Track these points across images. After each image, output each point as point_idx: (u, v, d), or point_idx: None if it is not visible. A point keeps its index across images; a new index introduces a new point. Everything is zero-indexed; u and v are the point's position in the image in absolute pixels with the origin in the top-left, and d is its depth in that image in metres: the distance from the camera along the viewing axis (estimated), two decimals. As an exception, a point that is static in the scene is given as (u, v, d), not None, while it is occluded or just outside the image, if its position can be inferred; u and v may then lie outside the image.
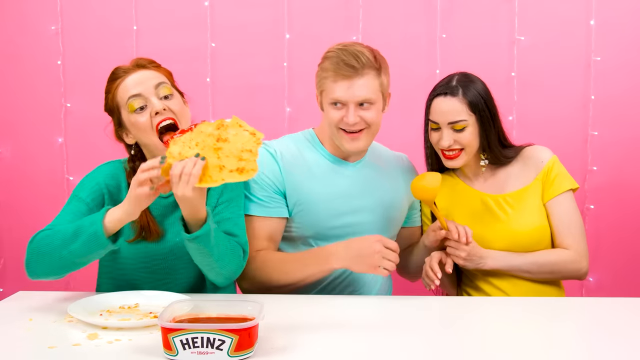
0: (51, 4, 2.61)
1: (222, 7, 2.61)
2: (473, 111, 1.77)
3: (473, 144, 1.79)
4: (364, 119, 1.73)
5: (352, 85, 1.69)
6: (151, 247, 1.66)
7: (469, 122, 1.77)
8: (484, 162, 1.85)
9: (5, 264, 2.71)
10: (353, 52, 1.69)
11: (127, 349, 1.24)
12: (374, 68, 1.71)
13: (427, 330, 1.42)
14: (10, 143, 2.68)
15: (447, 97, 1.77)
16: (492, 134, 1.80)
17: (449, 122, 1.77)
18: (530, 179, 1.83)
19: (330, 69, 1.71)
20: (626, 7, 2.55)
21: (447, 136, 1.77)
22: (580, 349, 1.30)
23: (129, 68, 1.67)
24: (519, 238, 1.78)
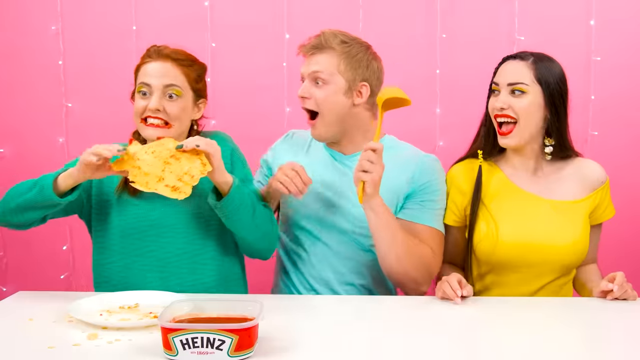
0: (51, 4, 2.61)
1: (222, 7, 2.61)
2: (539, 82, 1.70)
3: (529, 118, 1.70)
4: (315, 98, 1.76)
5: (308, 60, 1.79)
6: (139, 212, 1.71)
7: (531, 91, 1.69)
8: (549, 148, 1.76)
9: (8, 263, 2.71)
10: (320, 34, 1.79)
11: (127, 349, 1.24)
12: (334, 50, 1.76)
13: (428, 330, 1.42)
14: (11, 143, 2.68)
15: (516, 60, 1.73)
16: (562, 117, 1.72)
17: (509, 82, 1.70)
18: (584, 194, 1.77)
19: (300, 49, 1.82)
20: (626, 7, 2.55)
21: (503, 97, 1.71)
22: (581, 349, 1.30)
23: (157, 54, 1.78)
24: (552, 247, 1.72)
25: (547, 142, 1.76)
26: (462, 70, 2.58)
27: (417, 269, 1.73)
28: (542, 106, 1.72)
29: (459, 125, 2.48)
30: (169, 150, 1.58)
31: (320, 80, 1.75)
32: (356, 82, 1.77)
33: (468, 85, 2.57)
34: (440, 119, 2.59)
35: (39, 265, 2.68)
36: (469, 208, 1.79)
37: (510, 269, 1.75)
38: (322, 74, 1.75)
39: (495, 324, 1.47)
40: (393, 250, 1.70)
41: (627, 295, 1.58)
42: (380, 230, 1.68)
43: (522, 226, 1.73)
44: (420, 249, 1.75)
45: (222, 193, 1.61)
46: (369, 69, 1.79)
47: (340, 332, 1.38)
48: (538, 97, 1.71)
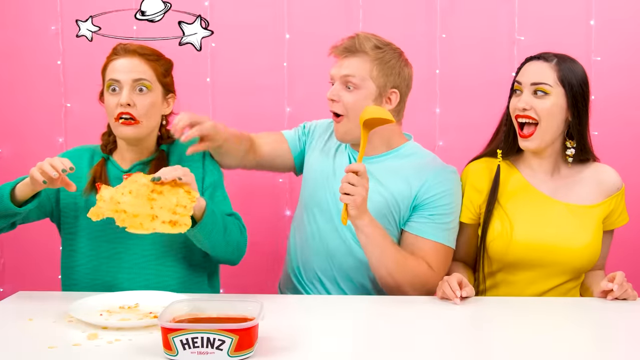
0: (51, 4, 2.60)
1: (222, 7, 2.61)
2: (563, 84, 1.69)
3: (551, 120, 1.69)
4: (344, 102, 1.74)
5: (340, 63, 1.77)
6: None
7: (553, 92, 1.69)
8: (571, 150, 1.75)
9: (5, 263, 2.70)
10: (354, 36, 1.77)
11: (127, 349, 1.24)
12: (367, 55, 1.74)
13: (428, 330, 1.42)
14: (11, 143, 2.67)
15: (540, 61, 1.72)
16: (584, 119, 1.72)
17: (532, 82, 1.69)
18: (599, 199, 1.77)
19: (332, 51, 1.80)
20: (626, 7, 2.55)
21: (525, 97, 1.70)
22: (580, 349, 1.30)
23: (124, 50, 1.80)
24: (562, 249, 1.72)
25: (569, 144, 1.76)
26: (462, 70, 2.58)
27: (410, 283, 1.71)
28: (564, 108, 1.71)
29: (459, 125, 2.48)
30: (146, 185, 1.52)
31: (351, 85, 1.74)
32: (387, 88, 1.77)
33: (468, 85, 2.57)
34: (440, 119, 2.59)
35: (36, 266, 2.68)
36: (484, 206, 1.78)
37: (521, 269, 1.75)
38: (353, 79, 1.73)
39: (494, 324, 1.47)
40: (383, 265, 1.69)
41: (627, 295, 1.58)
42: (368, 247, 1.68)
43: (536, 227, 1.73)
44: (413, 264, 1.72)
45: (195, 218, 1.58)
46: (400, 75, 1.79)
47: (340, 332, 1.38)
48: (561, 99, 1.70)
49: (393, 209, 1.76)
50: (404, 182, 1.78)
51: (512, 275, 1.77)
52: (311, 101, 2.38)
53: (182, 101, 2.63)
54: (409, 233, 1.78)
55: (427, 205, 1.77)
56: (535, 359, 1.23)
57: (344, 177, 1.59)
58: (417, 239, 1.77)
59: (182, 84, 2.62)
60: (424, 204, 1.77)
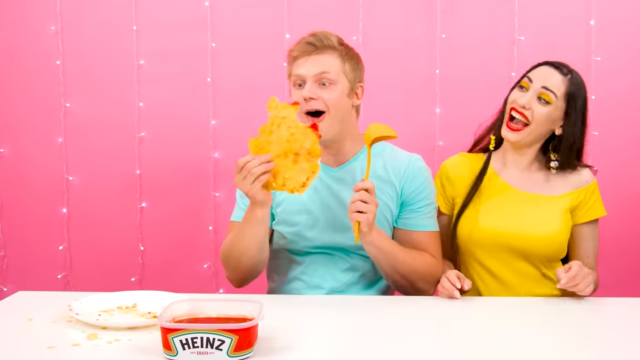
0: (51, 4, 2.61)
1: (222, 7, 2.62)
2: (567, 101, 1.75)
3: (541, 127, 1.76)
4: (323, 99, 1.68)
5: (309, 61, 1.71)
6: None
7: (556, 105, 1.75)
8: (554, 162, 1.81)
9: (8, 263, 2.71)
10: (315, 34, 1.73)
11: (127, 349, 1.24)
12: (336, 50, 1.72)
13: (428, 330, 1.42)
14: (10, 143, 2.68)
15: (556, 70, 1.76)
16: (576, 139, 1.78)
17: (542, 84, 1.74)
18: (565, 191, 1.81)
19: (294, 49, 1.74)
20: (626, 7, 2.55)
21: (529, 96, 1.74)
22: (580, 349, 1.30)
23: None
24: (529, 238, 1.75)
25: (553, 156, 1.82)
26: (462, 70, 2.58)
27: (422, 279, 1.74)
28: (557, 121, 1.78)
29: (459, 125, 2.48)
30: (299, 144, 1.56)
31: (327, 81, 1.70)
32: (356, 82, 1.76)
33: (468, 85, 2.58)
34: (440, 119, 2.59)
35: (38, 265, 2.69)
36: (458, 198, 1.86)
37: (486, 255, 1.80)
38: (329, 75, 1.69)
39: (494, 324, 1.47)
40: (395, 271, 1.71)
41: (576, 289, 1.59)
42: (379, 258, 1.69)
43: (500, 215, 1.79)
44: (421, 261, 1.74)
45: None
46: (362, 71, 1.79)
47: (340, 332, 1.38)
48: (558, 112, 1.77)
49: (386, 212, 1.76)
50: (387, 183, 1.78)
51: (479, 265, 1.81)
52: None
53: (182, 101, 2.65)
54: (404, 230, 1.79)
55: (413, 199, 1.78)
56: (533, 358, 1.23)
57: (356, 195, 1.58)
58: (413, 234, 1.78)
59: (182, 84, 2.64)
60: (410, 199, 1.79)
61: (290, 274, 1.81)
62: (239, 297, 1.69)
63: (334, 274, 1.77)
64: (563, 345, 1.30)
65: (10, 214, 2.69)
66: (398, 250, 1.70)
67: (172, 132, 2.64)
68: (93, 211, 2.67)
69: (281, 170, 1.56)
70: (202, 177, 2.65)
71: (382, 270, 1.73)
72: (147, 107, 2.64)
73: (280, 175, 1.56)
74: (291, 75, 1.75)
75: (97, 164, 2.66)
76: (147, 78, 2.63)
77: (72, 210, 2.67)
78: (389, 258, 1.68)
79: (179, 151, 2.65)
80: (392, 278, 1.74)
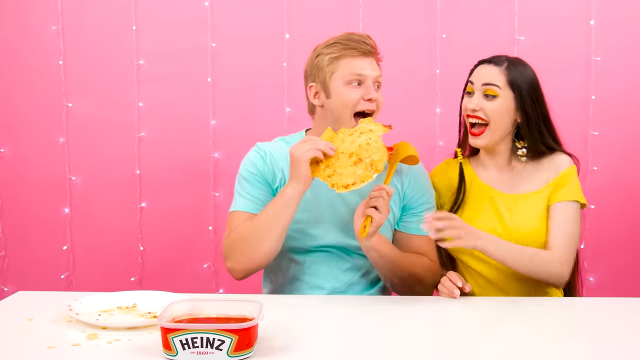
0: (51, 4, 2.61)
1: (222, 7, 2.62)
2: (512, 87, 1.75)
3: (499, 121, 1.76)
4: (377, 103, 1.71)
5: (371, 63, 1.71)
6: None
7: (502, 95, 1.75)
8: (522, 150, 1.81)
9: (9, 263, 2.71)
10: (364, 35, 1.72)
11: (127, 349, 1.24)
12: (378, 55, 1.74)
13: (428, 329, 1.42)
14: (12, 143, 2.68)
15: (491, 64, 1.78)
16: (533, 121, 1.77)
17: (483, 82, 1.76)
18: (541, 184, 1.80)
19: (346, 48, 1.69)
20: (626, 7, 2.55)
21: (476, 98, 1.77)
22: (580, 349, 1.30)
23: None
24: (514, 238, 1.74)
25: (519, 144, 1.82)
26: (462, 70, 2.56)
27: (420, 283, 1.75)
28: (512, 110, 1.78)
29: (459, 125, 2.48)
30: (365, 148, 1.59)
31: (378, 85, 1.73)
32: None
33: (468, 85, 2.58)
34: (440, 119, 2.59)
35: (40, 265, 2.69)
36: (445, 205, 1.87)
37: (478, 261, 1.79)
38: (380, 78, 1.73)
39: (494, 324, 1.47)
40: (395, 275, 1.72)
41: (438, 235, 1.58)
42: (379, 262, 1.69)
43: (484, 221, 1.78)
44: (421, 266, 1.75)
45: None
46: None
47: (340, 332, 1.38)
48: (508, 101, 1.76)
49: (390, 215, 1.76)
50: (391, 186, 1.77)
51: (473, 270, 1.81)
52: (311, 101, 2.39)
53: (182, 101, 2.65)
54: (405, 234, 1.80)
55: (415, 202, 1.80)
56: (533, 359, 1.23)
57: (376, 192, 1.59)
58: (413, 238, 1.79)
59: (182, 84, 2.64)
60: (412, 203, 1.80)
61: (291, 275, 1.80)
62: (239, 297, 1.68)
63: (335, 273, 1.77)
64: (562, 345, 1.31)
65: (11, 214, 2.69)
66: (397, 254, 1.71)
67: (172, 132, 2.64)
68: (94, 211, 2.67)
69: (337, 165, 1.57)
70: (202, 177, 2.65)
71: (381, 274, 1.74)
72: (147, 107, 2.64)
73: (333, 168, 1.57)
74: (337, 73, 1.70)
75: (97, 164, 2.66)
76: (147, 78, 2.63)
77: (75, 211, 2.67)
78: (388, 262, 1.69)
79: (179, 151, 2.65)
80: (390, 281, 1.74)
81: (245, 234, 1.67)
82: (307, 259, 1.78)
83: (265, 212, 1.65)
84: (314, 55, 1.75)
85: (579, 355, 1.26)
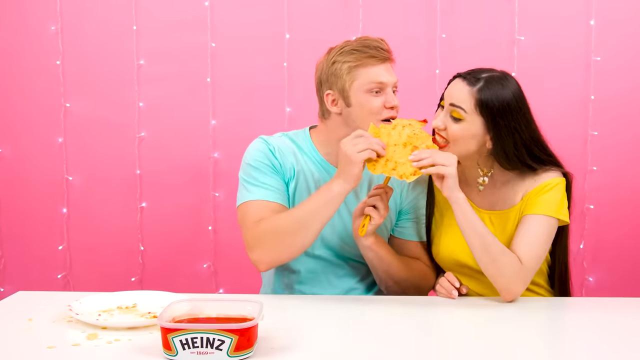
0: (51, 4, 2.61)
1: (222, 7, 2.62)
2: (480, 112, 1.59)
3: (460, 145, 1.62)
4: (397, 108, 1.70)
5: (390, 69, 1.70)
6: None
7: (468, 119, 1.61)
8: (482, 179, 1.70)
9: (6, 263, 2.71)
10: (379, 40, 1.69)
11: (127, 349, 1.24)
12: (393, 60, 1.73)
13: (427, 330, 1.42)
14: (10, 143, 2.68)
15: (464, 82, 1.64)
16: (514, 144, 1.62)
17: (450, 102, 1.64)
18: (518, 199, 1.67)
19: (364, 56, 1.65)
20: (626, 7, 2.55)
21: (441, 115, 1.65)
22: (580, 349, 1.30)
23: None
24: None
25: (482, 173, 1.70)
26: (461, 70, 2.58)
27: (415, 287, 1.74)
28: (480, 135, 1.63)
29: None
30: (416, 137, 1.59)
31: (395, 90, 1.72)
32: None
33: (468, 85, 2.57)
34: (440, 119, 2.59)
35: (37, 265, 2.69)
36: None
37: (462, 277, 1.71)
38: (397, 83, 1.72)
39: (494, 324, 1.47)
40: (390, 278, 1.71)
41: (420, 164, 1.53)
42: (375, 262, 1.69)
43: (457, 241, 1.68)
44: (417, 270, 1.75)
45: None
46: None
47: (340, 332, 1.38)
48: (476, 127, 1.61)
49: (386, 219, 1.74)
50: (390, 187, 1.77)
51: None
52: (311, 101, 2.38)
53: (182, 101, 2.65)
54: (399, 239, 1.79)
55: (411, 208, 1.79)
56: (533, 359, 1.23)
57: (376, 191, 1.59)
58: (409, 243, 1.79)
59: (182, 84, 2.64)
60: (407, 208, 1.79)
61: (288, 285, 1.79)
62: (239, 297, 1.68)
63: (331, 280, 1.77)
64: (561, 345, 1.31)
65: (9, 213, 2.69)
66: (394, 257, 1.71)
67: (172, 132, 2.64)
68: (93, 211, 2.67)
69: (395, 156, 1.55)
70: (201, 177, 2.65)
71: (377, 276, 1.74)
72: (147, 107, 2.64)
73: (393, 160, 1.55)
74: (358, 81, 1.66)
75: (97, 164, 2.66)
76: (147, 78, 2.63)
77: (72, 210, 2.67)
78: (384, 264, 1.69)
79: (179, 151, 2.65)
80: (385, 284, 1.74)
81: (278, 227, 1.61)
82: (304, 269, 1.76)
83: (303, 207, 1.60)
84: (329, 62, 1.69)
85: (578, 356, 1.26)
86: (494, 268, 1.56)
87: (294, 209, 1.63)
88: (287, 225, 1.60)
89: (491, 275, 1.58)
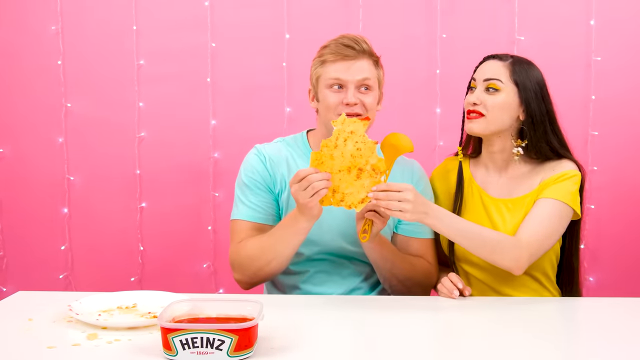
0: (51, 4, 2.61)
1: (222, 7, 2.62)
2: (515, 82, 1.70)
3: (497, 113, 1.70)
4: (364, 103, 1.68)
5: (351, 66, 1.69)
6: None
7: (505, 90, 1.70)
8: (517, 149, 1.75)
9: (8, 263, 2.71)
10: (352, 38, 1.71)
11: (127, 349, 1.24)
12: (372, 57, 1.72)
13: (427, 330, 1.42)
14: (11, 143, 2.68)
15: (495, 59, 1.75)
16: (539, 122, 1.71)
17: (485, 77, 1.72)
18: (535, 185, 1.74)
19: (329, 52, 1.70)
20: (626, 7, 2.55)
21: (477, 92, 1.72)
22: (580, 349, 1.30)
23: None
24: None
25: (516, 143, 1.76)
26: (462, 70, 2.56)
27: (418, 285, 1.76)
28: (514, 107, 1.72)
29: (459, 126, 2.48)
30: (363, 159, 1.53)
31: (366, 87, 1.70)
32: (381, 90, 1.77)
33: (468, 85, 2.58)
34: (440, 119, 2.59)
35: (39, 266, 2.69)
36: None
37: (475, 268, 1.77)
38: (369, 81, 1.70)
39: (494, 324, 1.47)
40: (394, 277, 1.73)
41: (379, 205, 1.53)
42: (379, 263, 1.71)
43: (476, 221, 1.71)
44: (420, 268, 1.76)
45: None
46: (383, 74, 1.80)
47: (340, 332, 1.38)
48: (511, 97, 1.72)
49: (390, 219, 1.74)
50: None
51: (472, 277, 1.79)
52: (311, 101, 2.39)
53: (182, 101, 2.65)
54: (403, 236, 1.80)
55: None
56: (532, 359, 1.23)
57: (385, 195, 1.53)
58: (413, 240, 1.80)
59: (182, 84, 2.64)
60: None
61: (292, 285, 1.80)
62: (239, 297, 1.69)
63: (335, 280, 1.77)
64: (562, 345, 1.31)
65: (10, 214, 2.69)
66: (397, 256, 1.72)
67: (172, 132, 2.64)
68: (93, 211, 2.67)
69: (342, 186, 1.53)
70: (201, 177, 2.65)
71: (380, 275, 1.75)
72: (147, 107, 2.64)
73: (340, 191, 1.53)
74: (321, 77, 1.72)
75: (97, 164, 2.66)
76: (147, 78, 2.63)
77: (73, 210, 2.67)
78: (388, 263, 1.70)
79: (179, 151, 2.65)
80: (389, 282, 1.75)
81: (252, 254, 1.69)
82: (308, 269, 1.78)
83: (274, 236, 1.65)
84: (316, 56, 1.77)
85: (578, 356, 1.26)
86: (495, 256, 1.62)
87: (267, 236, 1.68)
88: (259, 252, 1.68)
89: (494, 261, 1.63)
